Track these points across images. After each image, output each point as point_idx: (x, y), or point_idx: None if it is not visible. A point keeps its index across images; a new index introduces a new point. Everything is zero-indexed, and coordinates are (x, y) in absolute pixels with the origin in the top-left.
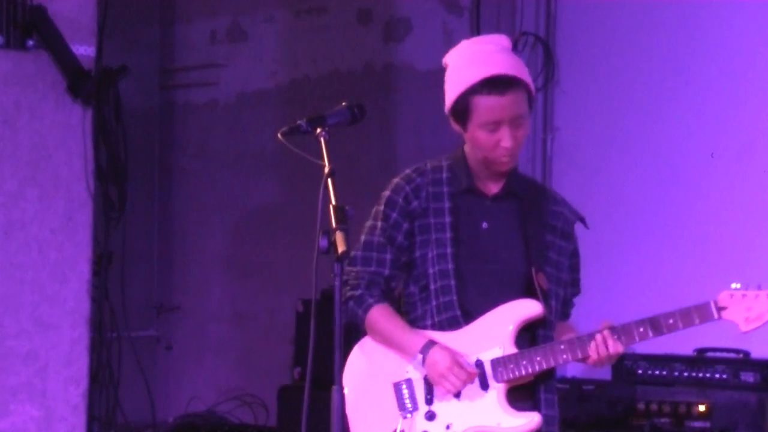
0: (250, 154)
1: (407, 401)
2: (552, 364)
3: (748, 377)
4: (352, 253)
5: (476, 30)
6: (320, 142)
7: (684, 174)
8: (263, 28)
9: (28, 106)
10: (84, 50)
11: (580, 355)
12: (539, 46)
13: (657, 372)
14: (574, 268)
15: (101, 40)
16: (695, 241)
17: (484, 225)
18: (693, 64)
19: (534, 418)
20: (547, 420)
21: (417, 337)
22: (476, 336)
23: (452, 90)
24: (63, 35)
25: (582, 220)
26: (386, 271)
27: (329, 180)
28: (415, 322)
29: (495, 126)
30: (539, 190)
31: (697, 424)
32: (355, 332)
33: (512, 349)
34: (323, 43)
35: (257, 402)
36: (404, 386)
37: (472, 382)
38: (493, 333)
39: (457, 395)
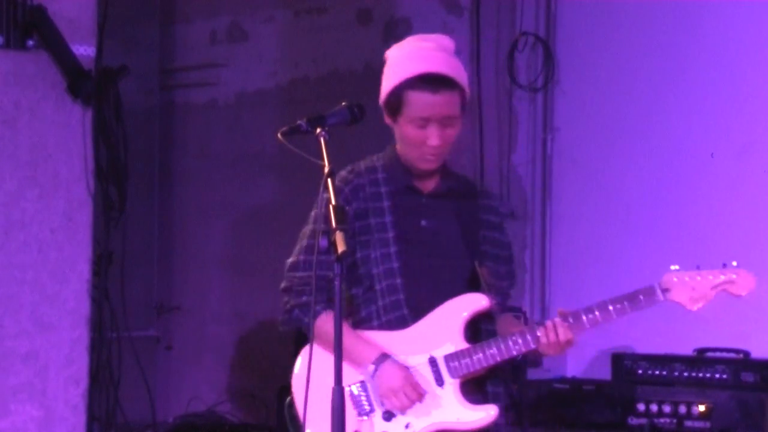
0: (250, 154)
1: (363, 403)
2: (506, 356)
3: (748, 377)
4: (293, 259)
5: (476, 30)
6: (320, 142)
7: (684, 174)
8: (263, 28)
9: (28, 106)
10: (84, 50)
11: (532, 345)
12: (539, 46)
13: (657, 372)
14: (509, 260)
15: (101, 40)
16: (695, 241)
17: (423, 223)
18: (693, 64)
19: (491, 411)
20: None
21: (369, 349)
22: (426, 333)
23: (388, 82)
24: (63, 35)
25: (511, 214)
26: (330, 274)
27: (329, 180)
28: (360, 323)
29: (424, 122)
30: (471, 186)
31: (697, 424)
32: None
33: (463, 344)
34: (323, 43)
35: (257, 402)
36: (359, 388)
37: (421, 402)
38: (443, 329)
39: None
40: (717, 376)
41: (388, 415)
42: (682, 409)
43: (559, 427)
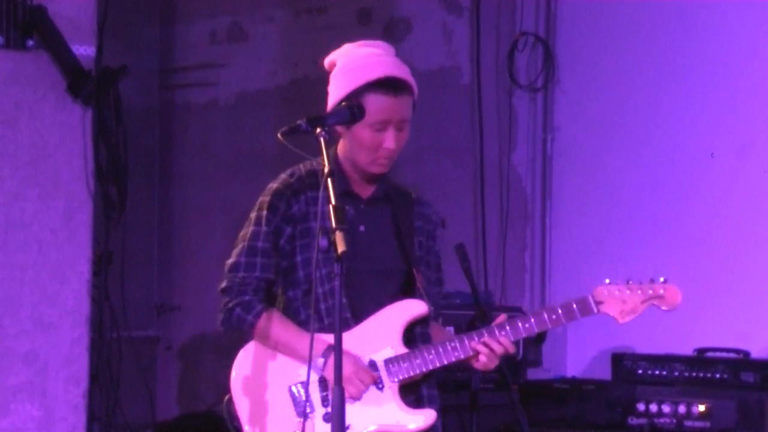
0: (250, 155)
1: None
2: (444, 362)
3: (748, 377)
4: (234, 260)
5: (476, 30)
6: (320, 142)
7: (684, 174)
8: (263, 28)
9: (28, 106)
10: (84, 50)
11: (471, 352)
12: (539, 46)
13: (657, 372)
14: (439, 268)
15: (101, 40)
16: (695, 240)
17: (361, 228)
18: (693, 64)
19: (431, 415)
20: None
21: (316, 342)
22: (366, 337)
23: (343, 87)
24: (63, 35)
25: (442, 223)
26: (271, 276)
27: (329, 180)
28: (300, 326)
29: (382, 126)
30: (405, 193)
31: (697, 424)
32: None
33: (402, 349)
34: (323, 43)
35: None
36: (300, 389)
37: (373, 384)
38: (382, 333)
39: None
40: (717, 376)
41: (329, 416)
42: (682, 409)
43: (559, 427)
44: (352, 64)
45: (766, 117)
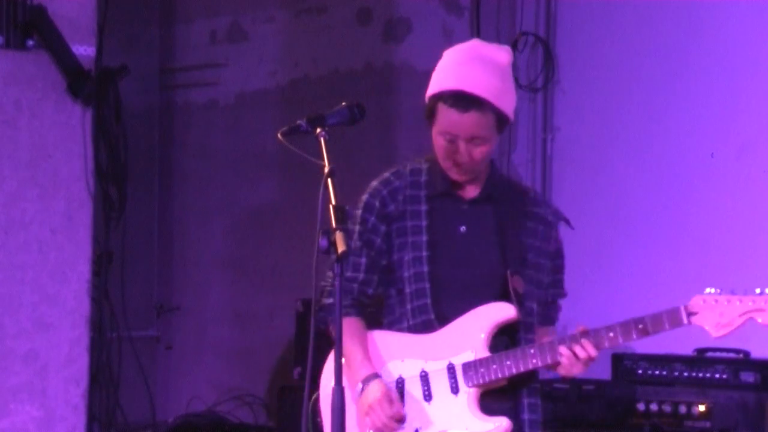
0: (250, 154)
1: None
2: (522, 368)
3: (748, 377)
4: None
5: (476, 30)
6: (320, 141)
7: (684, 174)
8: (263, 28)
9: (28, 106)
10: (84, 50)
11: (549, 360)
12: (539, 46)
13: (657, 372)
14: (557, 270)
15: (101, 40)
16: (695, 241)
17: (462, 229)
18: (693, 64)
19: (502, 423)
20: (530, 424)
21: (364, 367)
22: (449, 340)
23: (430, 87)
24: (63, 35)
25: (566, 221)
26: (361, 275)
27: (329, 180)
28: (392, 324)
29: (451, 137)
30: (519, 192)
31: (697, 424)
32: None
33: (485, 353)
34: (323, 43)
35: (257, 402)
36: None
37: (400, 421)
38: (465, 337)
39: (428, 399)
40: (717, 376)
41: (399, 421)
42: (682, 409)
43: (559, 427)
44: (445, 65)
45: (766, 117)
